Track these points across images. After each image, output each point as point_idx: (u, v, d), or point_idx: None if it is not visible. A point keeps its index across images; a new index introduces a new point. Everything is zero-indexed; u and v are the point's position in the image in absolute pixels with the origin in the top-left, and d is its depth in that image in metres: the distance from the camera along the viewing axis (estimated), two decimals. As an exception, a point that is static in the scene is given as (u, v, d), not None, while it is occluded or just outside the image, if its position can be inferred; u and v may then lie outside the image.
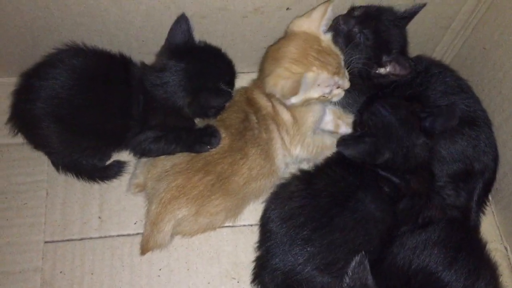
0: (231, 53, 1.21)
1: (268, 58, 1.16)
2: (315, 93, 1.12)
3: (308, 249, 1.03)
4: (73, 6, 1.10)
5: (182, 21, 1.14)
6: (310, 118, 1.18)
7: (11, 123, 1.17)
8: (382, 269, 0.98)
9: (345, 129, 1.27)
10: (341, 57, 1.15)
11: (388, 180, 1.12)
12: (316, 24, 1.13)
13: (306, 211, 1.06)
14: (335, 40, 1.19)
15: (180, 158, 1.14)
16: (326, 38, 1.14)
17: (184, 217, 1.11)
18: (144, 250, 1.12)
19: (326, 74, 1.10)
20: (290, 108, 1.16)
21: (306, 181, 1.12)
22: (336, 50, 1.14)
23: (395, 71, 1.22)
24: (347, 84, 1.15)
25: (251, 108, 1.19)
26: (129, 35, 1.21)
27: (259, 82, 1.20)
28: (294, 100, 1.12)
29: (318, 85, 1.11)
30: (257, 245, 1.12)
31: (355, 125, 1.20)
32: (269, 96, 1.17)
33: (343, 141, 1.14)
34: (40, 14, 1.11)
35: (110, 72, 1.15)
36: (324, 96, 1.13)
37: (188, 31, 1.15)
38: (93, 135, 1.15)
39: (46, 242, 1.19)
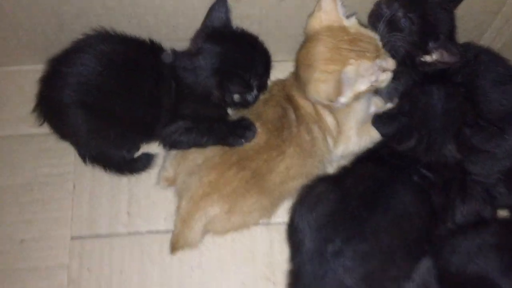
0: (265, 40, 1.14)
1: (301, 66, 1.08)
2: (362, 85, 1.03)
3: (341, 263, 0.93)
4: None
5: (220, 4, 1.08)
6: (353, 119, 1.11)
7: (37, 112, 1.11)
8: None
9: None
10: (376, 37, 1.06)
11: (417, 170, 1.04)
12: (334, 14, 1.05)
13: (335, 218, 0.97)
14: (375, 26, 1.11)
15: (213, 152, 1.08)
16: (352, 23, 1.06)
17: (216, 214, 1.04)
18: (174, 248, 1.06)
19: (367, 62, 1.01)
20: (333, 110, 1.09)
21: (333, 181, 1.05)
22: (367, 32, 1.06)
23: (442, 58, 1.12)
24: (391, 63, 1.06)
25: (290, 104, 1.11)
26: (159, 21, 1.14)
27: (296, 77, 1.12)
28: (343, 100, 1.03)
29: (363, 76, 1.02)
30: (289, 256, 1.04)
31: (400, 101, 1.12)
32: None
33: (378, 118, 1.07)
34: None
35: (140, 59, 1.08)
36: (372, 85, 1.04)
37: (226, 15, 1.08)
38: (122, 124, 1.09)
39: (72, 237, 1.14)
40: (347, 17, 1.06)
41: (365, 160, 1.08)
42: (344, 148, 1.14)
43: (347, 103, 1.05)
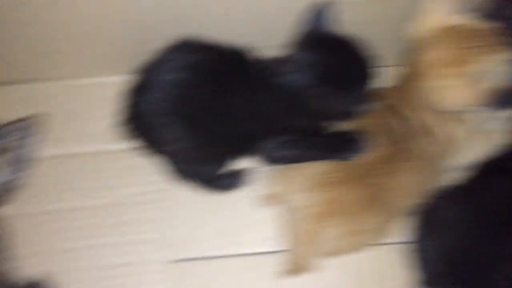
0: (370, 45, 1.06)
1: (417, 76, 1.00)
2: (489, 83, 0.94)
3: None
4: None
5: (321, 8, 0.99)
6: (471, 127, 1.04)
7: (125, 126, 1.03)
8: None
9: None
10: (496, 26, 0.96)
11: None
12: (444, 11, 0.97)
13: (471, 248, 0.90)
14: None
15: (330, 167, 0.99)
16: (468, 20, 0.96)
17: (336, 235, 0.96)
18: (289, 272, 0.97)
19: (496, 55, 0.93)
20: (452, 121, 1.01)
21: (461, 200, 0.97)
22: (486, 24, 0.96)
23: None
24: None
25: (400, 116, 1.03)
26: (249, 26, 1.06)
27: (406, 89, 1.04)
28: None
29: (488, 71, 0.93)
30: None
31: None
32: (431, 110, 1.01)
33: None
34: (152, 5, 0.96)
35: (236, 68, 1.00)
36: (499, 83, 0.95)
37: (327, 20, 1.00)
38: (219, 138, 1.00)
39: (167, 261, 1.04)
40: (463, 13, 0.97)
41: (491, 172, 1.01)
42: (462, 158, 1.06)
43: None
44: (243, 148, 1.05)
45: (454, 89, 0.94)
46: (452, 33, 0.96)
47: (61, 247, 1.04)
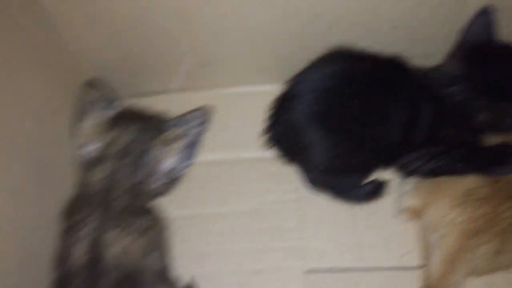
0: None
1: None
2: None
3: None
4: (356, 3, 0.96)
5: (484, 15, 0.95)
6: None
7: (269, 134, 1.05)
8: None
9: None
10: None
11: None
12: None
13: None
14: None
15: (476, 182, 0.94)
16: None
17: (484, 254, 0.90)
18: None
19: None
20: None
21: None
22: None
23: None
24: None
25: None
26: (405, 34, 1.04)
27: None
28: None
29: None
30: None
31: None
32: None
33: None
34: (318, 12, 0.98)
35: (389, 77, 0.98)
36: None
37: (491, 28, 0.95)
38: (366, 149, 0.99)
39: (305, 270, 1.05)
40: None
41: None
42: None
43: None
44: (392, 160, 1.03)
45: None
46: None
47: (200, 251, 1.08)
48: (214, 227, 1.09)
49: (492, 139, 0.99)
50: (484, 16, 0.95)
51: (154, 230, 0.94)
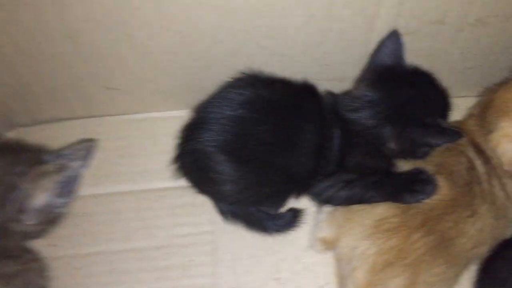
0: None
1: (493, 108, 0.90)
2: None
3: None
4: (259, 28, 0.91)
5: (392, 39, 0.92)
6: None
7: (177, 164, 0.99)
8: None
9: None
10: None
11: None
12: None
13: None
14: None
15: (387, 211, 0.91)
16: None
17: (397, 287, 0.86)
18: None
19: None
20: None
21: None
22: None
23: None
24: None
25: (477, 155, 0.93)
26: (313, 59, 1.01)
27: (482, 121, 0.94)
28: None
29: None
30: None
31: None
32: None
33: None
34: (221, 37, 0.92)
35: (298, 104, 0.94)
36: None
37: (399, 52, 0.93)
38: (276, 177, 0.94)
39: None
40: None
41: None
42: None
43: None
44: (304, 188, 0.98)
45: (509, 142, 0.83)
46: None
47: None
48: (119, 266, 1.02)
49: (405, 165, 0.96)
50: (393, 40, 0.93)
51: (27, 275, 0.85)
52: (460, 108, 1.01)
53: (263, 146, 0.91)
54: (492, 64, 1.02)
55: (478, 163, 0.92)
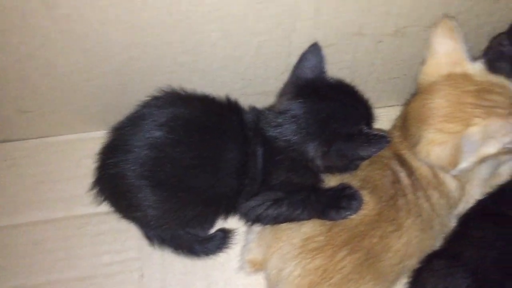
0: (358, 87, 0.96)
1: (412, 122, 0.89)
2: (491, 148, 0.83)
3: None
4: (174, 44, 0.87)
5: (313, 52, 0.90)
6: (479, 178, 0.92)
7: (96, 189, 0.94)
8: None
9: None
10: (511, 86, 0.86)
11: None
12: (455, 56, 0.85)
13: None
14: (495, 65, 0.92)
15: (313, 229, 0.88)
16: (478, 69, 0.85)
17: (323, 309, 0.84)
18: None
19: (498, 120, 0.81)
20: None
21: (453, 257, 0.84)
22: (498, 80, 0.85)
23: None
24: None
25: (401, 167, 0.91)
26: (235, 74, 0.98)
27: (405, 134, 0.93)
28: (461, 167, 0.83)
29: (492, 137, 0.82)
30: None
31: None
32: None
33: None
34: (134, 54, 0.88)
35: (218, 122, 0.91)
36: (507, 147, 0.83)
37: (320, 64, 0.91)
38: (199, 200, 0.90)
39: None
40: (473, 60, 0.86)
41: (477, 219, 0.87)
42: (464, 207, 0.94)
43: (467, 169, 0.85)
44: (230, 208, 0.95)
45: (439, 146, 0.82)
46: (458, 82, 0.84)
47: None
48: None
49: (332, 180, 0.94)
50: (313, 53, 0.91)
51: None
52: (391, 118, 0.99)
53: (182, 169, 0.87)
54: (416, 73, 1.01)
55: (403, 175, 0.91)
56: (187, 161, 0.87)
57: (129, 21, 0.82)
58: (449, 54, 0.85)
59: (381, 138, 0.86)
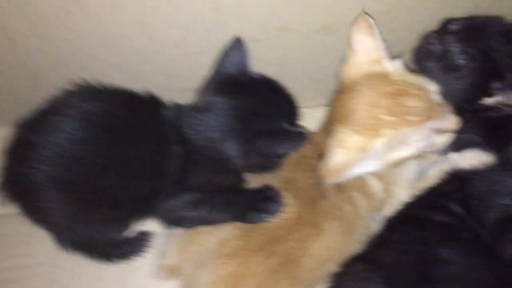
0: (287, 85, 0.92)
1: (331, 119, 0.86)
2: (404, 153, 0.80)
3: None
4: (87, 36, 0.82)
5: (236, 47, 0.86)
6: (403, 180, 0.89)
7: (4, 189, 0.86)
8: None
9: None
10: (431, 88, 0.82)
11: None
12: (372, 55, 0.82)
13: None
14: (423, 65, 0.90)
15: (229, 232, 0.83)
16: (397, 68, 0.82)
17: (238, 317, 0.79)
18: None
19: (408, 129, 0.78)
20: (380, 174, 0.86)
21: (371, 261, 0.80)
22: (417, 80, 0.82)
23: (509, 100, 0.90)
24: (452, 122, 0.83)
25: None
26: (157, 68, 0.93)
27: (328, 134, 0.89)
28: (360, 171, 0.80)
29: (402, 143, 0.79)
30: None
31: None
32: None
33: None
34: (43, 46, 0.82)
35: (134, 118, 0.85)
36: (422, 151, 0.81)
37: (243, 60, 0.87)
38: (112, 202, 0.84)
39: None
40: (392, 58, 0.83)
41: (400, 223, 0.85)
42: (391, 209, 0.89)
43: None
44: (145, 210, 0.89)
45: (340, 150, 0.78)
46: (376, 84, 0.80)
47: None
48: None
49: (254, 181, 0.90)
50: (236, 48, 0.87)
51: None
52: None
53: (89, 168, 0.82)
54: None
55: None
56: (95, 160, 0.81)
57: (34, 11, 0.76)
58: (368, 52, 0.82)
59: (298, 135, 0.82)
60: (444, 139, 0.83)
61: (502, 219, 0.74)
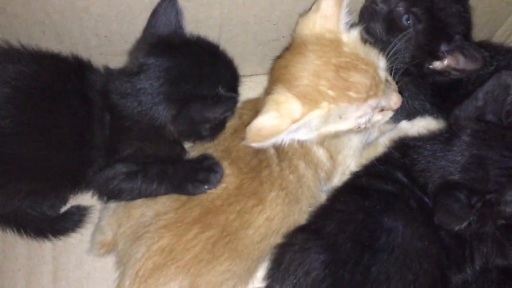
0: (229, 49, 0.87)
1: (272, 77, 0.81)
2: (343, 125, 0.77)
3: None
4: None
5: (167, 5, 0.80)
6: (350, 148, 0.85)
7: None
8: None
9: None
10: (380, 64, 0.78)
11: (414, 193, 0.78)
12: (333, 21, 0.77)
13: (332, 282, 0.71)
14: (369, 26, 0.85)
15: (166, 205, 0.79)
16: (351, 39, 0.77)
17: (173, 293, 0.75)
18: None
19: (346, 104, 0.74)
20: (322, 142, 0.81)
21: (313, 232, 0.77)
22: (368, 53, 0.77)
23: (458, 64, 0.87)
24: (395, 102, 0.79)
25: None
26: (84, 28, 0.85)
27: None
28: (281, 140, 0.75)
29: (340, 117, 0.76)
30: None
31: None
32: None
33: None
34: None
35: (59, 83, 0.78)
36: (360, 127, 0.78)
37: (176, 19, 0.80)
38: (37, 174, 0.78)
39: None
40: (350, 27, 0.78)
41: (345, 193, 0.82)
42: (341, 179, 0.87)
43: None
44: (77, 182, 0.83)
45: (274, 114, 0.73)
46: (327, 51, 0.75)
47: None
48: None
49: (194, 151, 0.85)
50: (167, 7, 0.80)
51: None
52: (253, 87, 0.92)
53: (17, 138, 0.75)
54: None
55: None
56: (10, 127, 0.74)
57: None
58: (329, 17, 0.76)
59: (228, 99, 0.77)
60: (381, 118, 0.80)
61: (439, 185, 0.72)
